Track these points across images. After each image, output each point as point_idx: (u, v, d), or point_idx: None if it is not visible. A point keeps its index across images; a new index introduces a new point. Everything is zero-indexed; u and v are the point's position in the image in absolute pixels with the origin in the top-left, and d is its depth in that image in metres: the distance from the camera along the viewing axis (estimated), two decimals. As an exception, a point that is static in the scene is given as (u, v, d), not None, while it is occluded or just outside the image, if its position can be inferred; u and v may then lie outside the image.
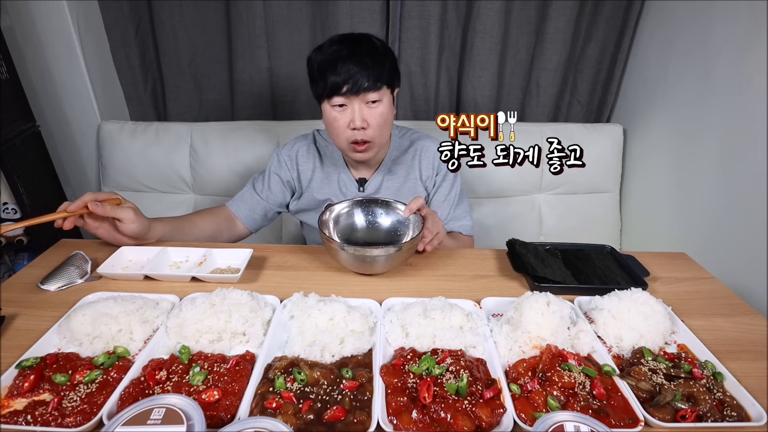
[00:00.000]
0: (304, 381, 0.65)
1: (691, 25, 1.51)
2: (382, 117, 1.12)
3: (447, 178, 1.32)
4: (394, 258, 0.94)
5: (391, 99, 1.15)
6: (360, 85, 1.06)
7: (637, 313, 0.80)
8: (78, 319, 0.75)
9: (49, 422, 0.59)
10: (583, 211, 1.86)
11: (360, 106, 1.09)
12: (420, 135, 1.34)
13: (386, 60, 1.09)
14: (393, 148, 1.30)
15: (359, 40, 1.10)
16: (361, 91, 1.06)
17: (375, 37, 1.13)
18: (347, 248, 0.92)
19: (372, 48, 1.09)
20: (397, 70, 1.15)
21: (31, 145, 1.59)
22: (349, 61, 1.05)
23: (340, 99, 1.08)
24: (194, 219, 1.21)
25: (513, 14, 1.74)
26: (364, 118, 1.10)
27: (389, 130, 1.20)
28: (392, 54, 1.14)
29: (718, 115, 1.39)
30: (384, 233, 1.09)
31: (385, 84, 1.09)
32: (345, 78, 1.05)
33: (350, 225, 1.09)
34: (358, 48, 1.07)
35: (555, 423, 0.55)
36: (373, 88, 1.07)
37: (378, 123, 1.11)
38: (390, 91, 1.13)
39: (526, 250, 1.01)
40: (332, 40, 1.10)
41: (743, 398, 0.67)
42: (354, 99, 1.08)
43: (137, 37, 1.75)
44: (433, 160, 1.31)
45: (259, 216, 1.30)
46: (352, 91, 1.06)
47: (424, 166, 1.30)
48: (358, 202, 1.10)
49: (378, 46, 1.11)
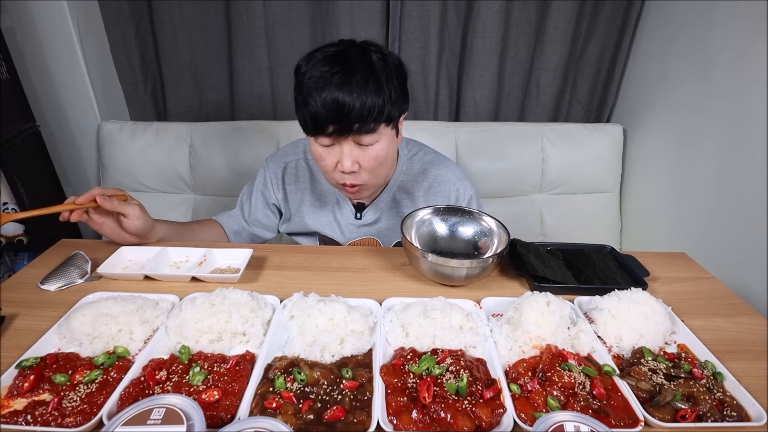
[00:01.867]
0: (304, 381, 0.65)
1: (691, 25, 1.51)
2: (377, 160, 0.95)
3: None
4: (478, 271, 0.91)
5: (392, 134, 0.97)
6: (348, 127, 0.88)
7: (637, 313, 0.80)
8: (78, 319, 0.75)
9: (49, 422, 0.59)
10: (583, 211, 1.86)
11: (350, 147, 0.92)
12: (434, 159, 1.17)
13: (389, 88, 0.89)
14: (399, 172, 1.13)
15: (356, 61, 0.88)
16: (350, 134, 0.89)
17: (378, 52, 0.92)
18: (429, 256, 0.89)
19: (369, 75, 0.87)
20: (404, 95, 0.96)
21: (31, 145, 1.59)
22: (337, 94, 0.85)
23: (326, 140, 0.92)
24: (195, 228, 1.17)
25: (513, 14, 1.74)
26: (355, 160, 0.93)
27: (389, 167, 1.04)
28: (398, 73, 0.93)
29: (719, 115, 1.39)
30: (464, 243, 1.05)
31: (383, 122, 0.91)
32: (331, 115, 0.86)
33: (431, 233, 1.05)
34: (352, 76, 0.86)
35: (555, 423, 0.55)
36: (366, 130, 0.89)
37: (372, 166, 0.96)
38: (391, 125, 0.95)
39: (526, 250, 1.01)
40: (326, 54, 0.89)
41: (743, 398, 0.67)
42: (342, 140, 0.92)
43: (137, 37, 1.75)
44: (449, 194, 1.15)
45: (245, 239, 1.24)
46: (338, 133, 0.89)
47: (438, 201, 1.14)
48: (440, 209, 1.06)
49: (379, 69, 0.89)
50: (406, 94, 0.98)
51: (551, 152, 1.78)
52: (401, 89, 0.94)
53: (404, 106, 0.98)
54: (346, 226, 1.18)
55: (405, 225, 1.00)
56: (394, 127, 0.97)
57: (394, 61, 0.94)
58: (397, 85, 0.92)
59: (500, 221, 1.03)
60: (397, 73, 0.93)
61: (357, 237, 1.19)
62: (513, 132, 1.80)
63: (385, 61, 0.92)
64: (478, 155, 1.76)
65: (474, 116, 1.90)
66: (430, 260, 0.90)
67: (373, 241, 1.19)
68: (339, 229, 1.19)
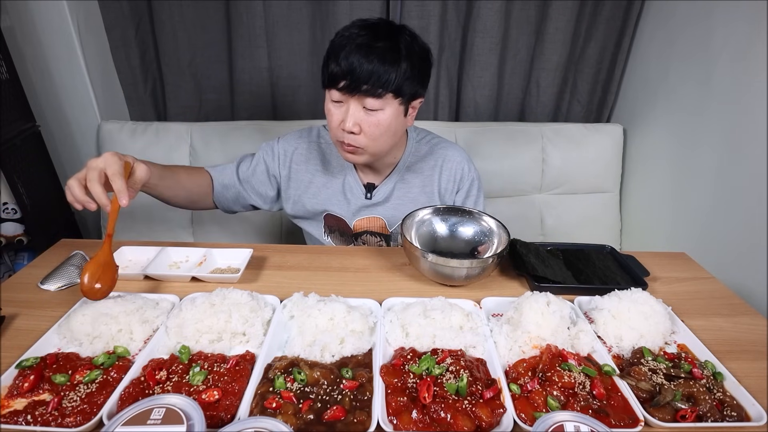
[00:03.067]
0: (304, 381, 0.65)
1: (692, 25, 1.51)
2: (379, 127, 0.98)
3: (470, 195, 1.21)
4: (478, 271, 0.91)
5: (400, 110, 0.99)
6: (357, 86, 0.92)
7: (637, 313, 0.80)
8: (78, 319, 0.75)
9: (49, 422, 0.59)
10: (583, 211, 1.86)
11: (356, 108, 0.96)
12: (441, 141, 1.22)
13: (405, 65, 0.93)
14: (408, 153, 1.17)
15: (385, 31, 0.94)
16: (357, 93, 0.93)
17: (410, 35, 0.96)
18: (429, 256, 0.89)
19: (392, 46, 0.92)
20: (422, 79, 1.00)
21: (31, 145, 1.59)
22: (356, 54, 0.90)
23: (337, 94, 0.95)
24: (180, 174, 1.09)
25: (513, 14, 1.74)
26: (357, 122, 0.97)
27: (391, 139, 1.05)
28: (422, 58, 0.97)
29: (719, 115, 1.39)
30: (464, 243, 1.05)
31: (391, 92, 0.94)
32: (345, 71, 0.91)
33: (431, 233, 1.06)
34: (375, 42, 0.91)
35: (555, 423, 0.55)
36: (372, 94, 0.93)
37: (372, 133, 0.98)
38: (400, 100, 0.97)
39: (526, 250, 1.01)
40: (358, 23, 0.95)
41: (743, 398, 0.67)
42: (351, 99, 0.95)
43: (137, 37, 1.75)
44: (455, 172, 1.17)
45: (230, 198, 1.19)
46: (347, 89, 0.93)
47: (444, 179, 1.18)
48: (440, 209, 1.07)
49: (403, 46, 0.94)
50: (424, 80, 1.01)
51: (551, 152, 1.78)
52: (419, 71, 0.98)
53: (419, 89, 1.00)
54: (355, 205, 1.19)
55: (405, 225, 1.00)
56: (403, 104, 0.99)
57: (422, 46, 0.99)
58: (415, 65, 0.96)
59: (500, 221, 1.03)
60: (420, 56, 0.97)
61: (364, 216, 1.20)
62: (513, 132, 1.80)
63: (413, 42, 0.97)
64: (478, 155, 1.76)
65: (474, 116, 1.90)
66: (430, 260, 0.90)
67: (381, 221, 1.20)
68: (348, 207, 1.19)
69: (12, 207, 1.57)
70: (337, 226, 1.22)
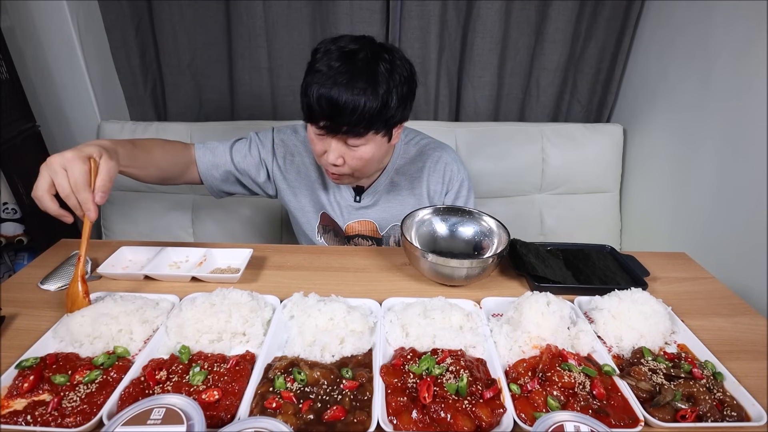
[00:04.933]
0: (304, 381, 0.65)
1: (691, 25, 1.51)
2: (362, 160, 0.98)
3: (460, 196, 1.19)
4: (478, 271, 0.91)
5: (383, 140, 0.98)
6: (337, 128, 0.91)
7: (637, 313, 0.80)
8: (77, 320, 0.75)
9: (48, 422, 0.59)
10: (583, 211, 1.86)
11: (338, 143, 0.95)
12: (430, 142, 1.20)
13: (387, 97, 0.90)
14: (397, 155, 1.16)
15: (363, 67, 0.88)
16: (338, 134, 0.93)
17: (389, 61, 0.91)
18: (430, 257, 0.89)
19: (370, 84, 0.88)
20: (406, 106, 0.97)
21: (31, 145, 1.59)
22: (334, 93, 0.87)
23: (317, 130, 0.95)
24: (154, 151, 1.01)
25: (513, 14, 1.74)
26: (341, 155, 0.97)
27: (377, 164, 1.05)
28: (404, 85, 0.93)
29: (719, 115, 1.39)
30: (464, 243, 1.05)
31: (373, 131, 0.93)
32: (324, 113, 0.89)
33: (431, 233, 1.06)
34: (353, 80, 0.87)
35: (555, 423, 0.55)
36: (354, 134, 0.92)
37: (356, 165, 0.99)
38: (383, 132, 0.97)
39: (526, 250, 1.01)
40: (341, 51, 0.90)
41: (743, 398, 0.67)
42: (332, 135, 0.94)
43: (137, 37, 1.75)
44: (443, 173, 1.17)
45: (219, 176, 1.15)
46: (328, 130, 0.93)
47: (433, 180, 1.17)
48: (440, 209, 1.07)
49: (382, 80, 0.89)
50: (408, 104, 0.98)
51: (551, 152, 1.78)
52: (403, 100, 0.95)
53: (403, 114, 0.98)
54: (345, 208, 1.20)
55: (405, 225, 1.00)
56: (386, 135, 0.98)
57: (404, 72, 0.94)
58: (399, 97, 0.93)
59: (500, 221, 1.03)
60: (403, 85, 0.93)
61: (355, 219, 1.20)
62: (513, 132, 1.80)
63: (393, 70, 0.92)
64: (478, 155, 1.76)
65: (474, 116, 1.90)
66: (430, 260, 0.90)
67: (371, 225, 1.21)
68: (339, 210, 1.20)
69: (12, 207, 1.57)
70: (332, 227, 1.23)
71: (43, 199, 0.76)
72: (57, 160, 0.76)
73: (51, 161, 0.76)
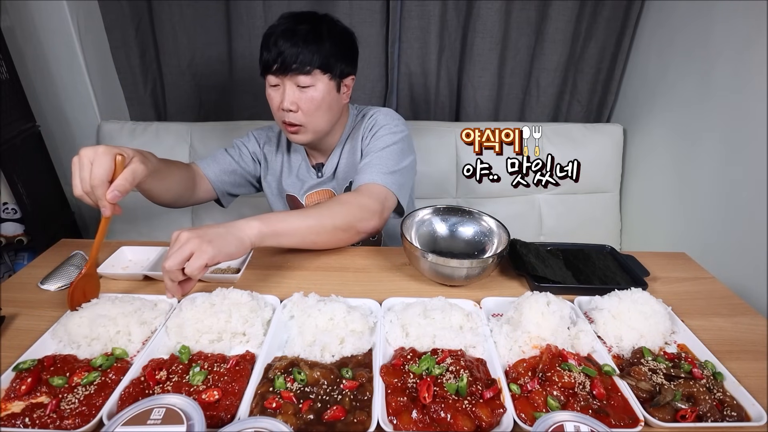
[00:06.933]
0: (304, 381, 0.65)
1: (691, 25, 1.51)
2: (313, 102, 1.06)
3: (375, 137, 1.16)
4: (478, 271, 0.92)
5: (331, 85, 1.07)
6: (287, 66, 1.02)
7: (637, 313, 0.80)
8: (75, 321, 0.74)
9: (47, 425, 0.59)
10: (583, 211, 1.86)
11: (291, 88, 1.05)
12: (372, 108, 1.26)
13: (327, 42, 1.03)
14: (348, 127, 1.23)
15: (304, 18, 1.04)
16: (288, 72, 1.02)
17: (330, 18, 1.08)
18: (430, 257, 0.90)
19: (313, 28, 1.03)
20: (347, 57, 1.09)
21: (31, 145, 1.59)
22: (281, 39, 1.01)
23: (273, 78, 1.05)
24: (172, 167, 1.06)
25: (513, 14, 1.74)
26: (294, 100, 1.05)
27: (327, 114, 1.11)
28: (344, 38, 1.08)
29: (718, 115, 1.39)
30: (464, 243, 1.06)
31: (317, 68, 1.03)
32: (274, 56, 1.01)
33: (431, 233, 1.07)
34: (297, 26, 1.02)
35: (555, 423, 0.55)
36: (301, 71, 1.02)
37: (308, 108, 1.07)
38: (330, 76, 1.06)
39: (526, 250, 1.01)
40: (283, 15, 1.06)
41: (743, 398, 0.67)
42: (285, 80, 1.04)
43: (137, 37, 1.75)
44: (371, 123, 1.19)
45: (227, 178, 1.23)
46: (279, 71, 1.03)
47: (362, 131, 1.20)
48: (440, 209, 1.07)
49: (323, 26, 1.04)
50: (349, 59, 1.11)
51: (551, 152, 1.78)
52: (343, 49, 1.08)
53: (345, 67, 1.09)
54: (307, 184, 1.27)
55: (405, 225, 1.00)
56: (333, 79, 1.08)
57: (345, 28, 1.10)
58: (338, 44, 1.06)
59: (500, 221, 1.03)
60: (342, 36, 1.08)
61: (313, 190, 1.27)
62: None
63: (334, 25, 1.08)
64: (478, 155, 1.76)
65: (474, 116, 1.90)
66: (430, 260, 0.90)
67: (329, 192, 1.27)
68: (301, 186, 1.28)
69: (12, 207, 1.57)
70: (294, 206, 1.29)
71: (83, 198, 0.80)
72: (88, 153, 0.79)
73: (82, 154, 0.79)
